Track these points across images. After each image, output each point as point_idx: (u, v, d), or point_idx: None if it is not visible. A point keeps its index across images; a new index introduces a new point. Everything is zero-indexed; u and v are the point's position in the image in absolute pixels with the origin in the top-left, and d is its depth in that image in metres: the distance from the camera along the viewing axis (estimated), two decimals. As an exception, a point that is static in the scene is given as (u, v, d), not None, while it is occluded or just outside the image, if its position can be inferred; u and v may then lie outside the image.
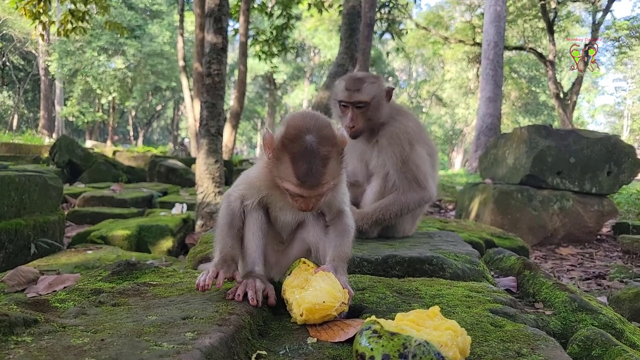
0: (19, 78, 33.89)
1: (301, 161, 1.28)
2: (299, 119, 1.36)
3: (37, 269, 3.07)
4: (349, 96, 2.43)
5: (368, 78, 2.49)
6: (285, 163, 1.31)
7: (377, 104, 2.46)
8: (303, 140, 1.29)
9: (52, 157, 10.18)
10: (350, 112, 2.45)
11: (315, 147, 1.29)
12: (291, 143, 1.30)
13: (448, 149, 39.72)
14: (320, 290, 1.24)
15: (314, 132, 1.31)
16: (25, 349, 0.94)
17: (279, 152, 1.33)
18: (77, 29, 8.00)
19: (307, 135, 1.30)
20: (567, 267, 4.36)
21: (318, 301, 1.22)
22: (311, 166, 1.28)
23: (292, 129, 1.32)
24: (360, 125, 2.45)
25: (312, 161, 1.28)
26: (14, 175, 3.66)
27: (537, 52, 20.79)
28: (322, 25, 27.67)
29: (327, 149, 1.31)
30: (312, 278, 1.31)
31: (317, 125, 1.33)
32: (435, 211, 8.25)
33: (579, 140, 5.34)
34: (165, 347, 0.95)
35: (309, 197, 1.33)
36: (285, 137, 1.32)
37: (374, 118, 2.47)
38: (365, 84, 2.44)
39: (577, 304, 1.84)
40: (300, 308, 1.24)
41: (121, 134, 43.17)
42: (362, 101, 2.42)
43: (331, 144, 1.33)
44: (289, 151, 1.30)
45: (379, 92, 2.47)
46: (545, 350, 1.09)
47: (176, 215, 5.44)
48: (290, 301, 1.31)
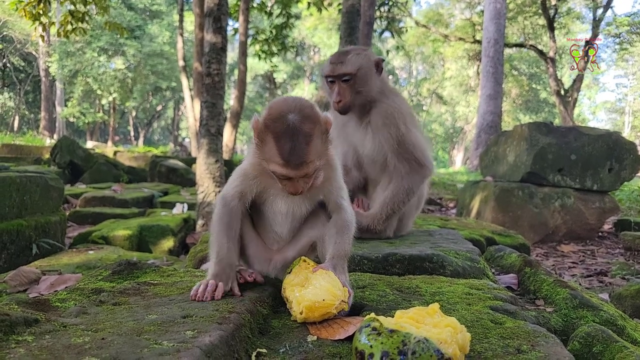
0: (20, 79, 33.92)
1: (284, 140, 1.30)
2: (281, 101, 1.39)
3: (38, 269, 3.08)
4: (333, 69, 2.30)
5: (354, 50, 2.36)
6: (269, 143, 1.32)
7: (364, 76, 2.31)
8: (285, 119, 1.31)
9: (53, 158, 10.19)
10: (337, 87, 2.32)
11: (298, 125, 1.30)
12: (274, 123, 1.32)
13: (449, 147, 39.69)
14: (320, 289, 1.24)
15: (296, 112, 1.33)
16: (26, 348, 0.94)
17: (263, 134, 1.34)
18: (77, 29, 8.01)
19: (289, 115, 1.32)
20: (569, 265, 4.35)
21: (318, 299, 1.22)
22: (294, 144, 1.29)
23: (275, 110, 1.35)
24: (348, 99, 2.31)
25: (295, 139, 1.30)
26: (15, 176, 3.66)
27: (537, 49, 20.74)
28: (321, 24, 27.64)
29: (309, 126, 1.32)
30: (312, 276, 1.32)
31: (299, 106, 1.35)
32: (436, 209, 8.24)
33: (580, 137, 5.33)
34: (165, 346, 0.96)
35: (295, 178, 1.34)
36: (268, 118, 1.34)
37: (363, 92, 2.33)
38: (349, 55, 2.30)
39: (578, 300, 1.84)
40: (300, 306, 1.25)
41: (122, 135, 43.20)
42: (347, 73, 2.28)
43: (313, 122, 1.34)
44: (272, 131, 1.32)
45: (365, 63, 2.32)
46: (546, 347, 1.09)
47: (177, 215, 5.45)
48: (290, 299, 1.32)
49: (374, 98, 2.37)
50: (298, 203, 1.51)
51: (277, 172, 1.34)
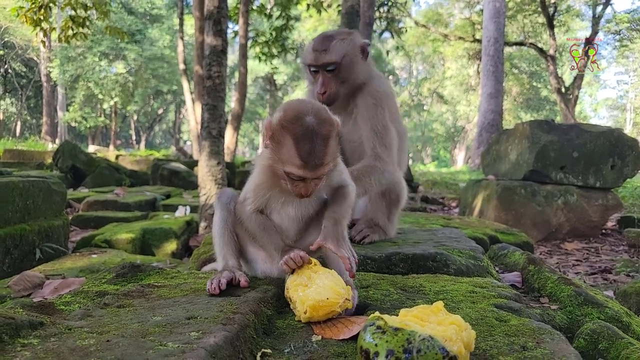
0: (21, 85, 34.03)
1: (303, 141, 1.30)
2: (296, 103, 1.39)
3: (42, 273, 3.09)
4: (316, 58, 2.10)
5: (338, 34, 2.15)
6: (287, 145, 1.32)
7: (350, 63, 2.12)
8: (304, 121, 1.31)
9: (56, 163, 10.22)
10: (321, 77, 2.11)
11: (316, 127, 1.31)
12: (291, 124, 1.32)
13: (450, 147, 39.64)
14: (324, 287, 1.24)
15: (313, 114, 1.33)
16: (32, 351, 0.95)
17: (279, 135, 1.34)
18: (77, 34, 8.04)
19: (306, 117, 1.32)
20: (573, 262, 4.34)
21: (322, 298, 1.22)
22: (314, 146, 1.30)
23: (291, 112, 1.34)
24: (334, 90, 2.11)
25: (314, 141, 1.30)
26: (18, 180, 3.67)
27: (537, 47, 20.72)
28: (321, 26, 27.67)
29: (327, 129, 1.33)
30: (315, 276, 1.32)
31: (314, 108, 1.36)
32: (439, 209, 8.23)
33: (582, 134, 5.32)
34: (170, 347, 0.96)
35: (309, 180, 1.35)
36: (284, 119, 1.33)
37: (349, 79, 2.14)
38: (333, 42, 2.09)
39: (583, 297, 1.84)
40: (304, 306, 1.25)
41: (123, 138, 43.30)
42: (332, 62, 2.08)
43: (330, 125, 1.35)
44: (291, 132, 1.32)
45: (351, 49, 2.13)
46: (551, 344, 1.09)
47: (179, 217, 5.46)
48: (294, 299, 1.32)
49: (359, 85, 2.19)
50: (306, 205, 1.53)
51: (293, 173, 1.34)
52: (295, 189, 1.38)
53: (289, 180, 1.38)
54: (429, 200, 8.90)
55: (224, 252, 1.56)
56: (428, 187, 11.80)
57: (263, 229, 1.51)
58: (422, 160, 39.27)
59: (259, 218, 1.52)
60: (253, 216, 1.52)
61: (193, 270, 2.14)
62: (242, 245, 1.62)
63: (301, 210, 1.53)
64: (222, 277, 1.44)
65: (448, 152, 39.92)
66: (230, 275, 1.46)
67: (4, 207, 3.46)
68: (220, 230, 1.57)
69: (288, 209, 1.52)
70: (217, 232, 1.57)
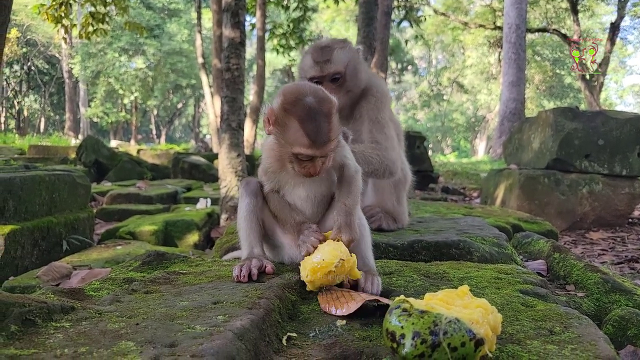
0: (44, 82, 34.75)
1: (308, 121, 1.34)
2: (293, 87, 1.43)
3: (69, 264, 3.17)
4: (321, 69, 2.05)
5: (336, 43, 2.12)
6: (293, 127, 1.36)
7: (353, 71, 2.09)
8: (305, 102, 1.35)
9: (79, 157, 10.43)
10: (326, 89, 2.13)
11: (318, 106, 1.35)
12: (294, 107, 1.36)
13: (471, 137, 39.12)
14: (322, 251, 1.32)
15: (312, 94, 1.37)
16: (65, 333, 0.97)
17: (283, 119, 1.37)
18: (97, 30, 8.16)
19: (307, 97, 1.36)
20: (598, 252, 4.26)
21: (318, 260, 1.30)
22: (318, 124, 1.34)
23: (291, 95, 1.38)
24: (342, 102, 2.06)
25: (318, 119, 1.34)
26: (44, 174, 3.76)
27: (561, 33, 20.22)
28: (339, 16, 27.50)
29: (327, 106, 1.37)
30: (320, 246, 1.37)
31: (312, 89, 1.40)
32: (460, 199, 8.15)
33: (607, 121, 5.19)
34: (198, 330, 0.98)
35: (317, 159, 1.38)
36: (285, 103, 1.37)
37: (354, 88, 2.11)
38: (335, 51, 2.06)
39: (611, 285, 1.80)
40: (305, 271, 1.32)
41: (144, 133, 43.90)
42: (337, 72, 2.05)
43: (329, 102, 1.39)
44: (294, 114, 1.35)
45: (352, 57, 2.10)
46: (579, 328, 1.07)
47: (201, 209, 5.52)
48: (301, 269, 1.38)
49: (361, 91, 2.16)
50: (317, 184, 1.55)
51: (302, 153, 1.37)
52: (303, 170, 1.41)
53: (296, 162, 1.41)
54: (450, 190, 8.82)
55: (250, 239, 1.57)
56: (448, 177, 11.69)
57: (279, 208, 1.55)
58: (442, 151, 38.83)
59: (275, 197, 1.57)
60: (269, 196, 1.58)
61: (216, 258, 2.17)
62: (269, 232, 1.63)
63: (313, 190, 1.55)
64: (251, 265, 1.46)
65: (469, 142, 39.39)
66: (259, 264, 1.48)
67: (31, 200, 3.55)
68: (247, 217, 1.58)
69: (299, 191, 1.55)
70: (243, 219, 1.59)
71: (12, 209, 3.37)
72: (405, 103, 43.71)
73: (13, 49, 27.05)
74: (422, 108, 40.16)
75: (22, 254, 3.37)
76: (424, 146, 9.39)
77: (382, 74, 9.96)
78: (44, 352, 0.87)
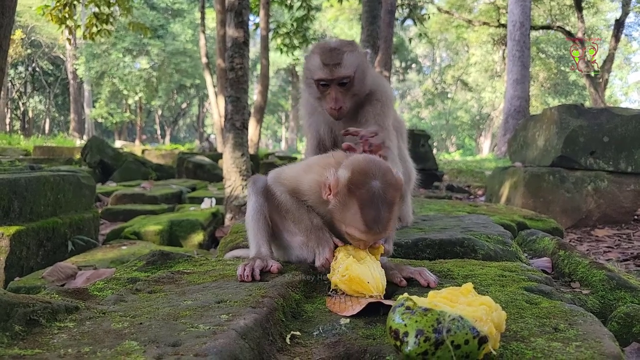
0: (49, 83, 34.91)
1: (369, 208, 1.29)
2: (363, 164, 1.36)
3: (74, 265, 3.19)
4: (330, 72, 2.01)
5: (345, 46, 2.07)
6: (353, 209, 1.31)
7: (361, 75, 2.06)
8: (370, 187, 1.29)
9: (84, 158, 10.48)
10: (333, 92, 2.02)
11: (382, 193, 1.29)
12: (358, 189, 1.30)
13: (475, 135, 38.99)
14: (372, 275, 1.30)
15: (380, 178, 1.31)
16: (69, 333, 0.98)
17: (344, 197, 1.32)
18: (102, 31, 8.19)
19: (374, 181, 1.30)
20: (604, 249, 4.23)
21: (364, 279, 1.28)
22: (379, 213, 1.29)
23: (358, 175, 1.32)
24: (348, 105, 2.05)
25: (380, 208, 1.29)
26: (49, 175, 3.78)
27: (565, 31, 20.11)
28: (342, 15, 27.46)
29: (392, 194, 1.32)
30: (370, 260, 1.36)
31: (381, 170, 1.33)
32: (464, 197, 8.13)
33: (612, 118, 5.15)
34: (201, 329, 0.98)
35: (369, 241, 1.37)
36: (352, 182, 1.31)
37: (360, 92, 2.09)
38: (345, 55, 2.02)
39: (616, 282, 1.79)
40: (346, 271, 1.29)
41: (149, 133, 44.04)
42: (346, 76, 2.01)
43: (395, 189, 1.34)
44: (357, 197, 1.30)
45: (361, 62, 2.07)
46: (584, 326, 1.06)
47: (205, 209, 5.53)
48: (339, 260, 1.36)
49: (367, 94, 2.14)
50: None
51: (355, 236, 1.35)
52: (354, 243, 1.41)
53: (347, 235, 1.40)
54: (455, 188, 8.80)
55: (257, 238, 1.57)
56: (453, 175, 11.65)
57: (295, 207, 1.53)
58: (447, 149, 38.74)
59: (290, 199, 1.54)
60: (284, 197, 1.54)
61: (221, 258, 2.17)
62: (277, 231, 1.63)
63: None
64: (255, 265, 1.45)
65: (473, 140, 39.27)
66: (263, 264, 1.48)
67: (36, 200, 3.57)
68: (255, 217, 1.58)
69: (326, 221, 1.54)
70: (251, 218, 1.58)
71: (18, 210, 3.38)
72: (409, 101, 43.63)
73: (18, 50, 27.21)
74: (426, 106, 40.07)
75: (27, 254, 3.39)
76: (429, 144, 9.36)
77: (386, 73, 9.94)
78: (48, 352, 0.88)
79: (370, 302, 1.21)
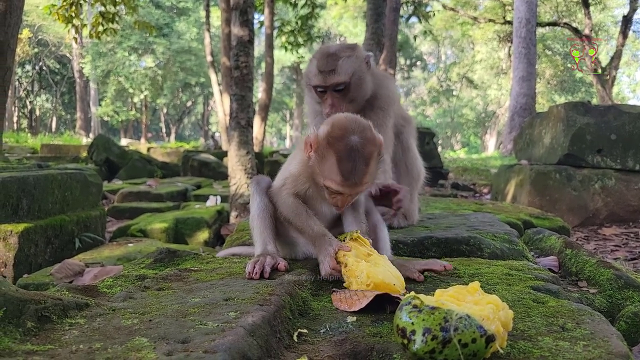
0: (56, 81, 35.10)
1: (346, 160, 1.35)
2: (343, 120, 1.43)
3: (82, 262, 3.21)
4: (324, 79, 2.02)
5: (342, 51, 2.07)
6: (330, 161, 1.38)
7: (358, 81, 2.05)
8: (349, 140, 1.36)
9: (90, 156, 10.53)
10: (330, 98, 2.04)
11: (360, 147, 1.36)
12: (337, 142, 1.37)
13: (481, 132, 38.83)
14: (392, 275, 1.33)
15: (358, 133, 1.38)
16: (80, 329, 0.99)
17: (323, 150, 1.39)
18: (107, 30, 8.22)
19: (352, 136, 1.37)
20: (611, 248, 4.22)
21: (389, 282, 1.30)
22: (355, 165, 1.35)
23: (338, 129, 1.40)
24: (343, 109, 2.02)
25: (357, 160, 1.35)
26: (56, 173, 3.81)
27: (572, 27, 19.96)
28: (347, 13, 27.39)
29: (370, 149, 1.38)
30: (377, 257, 1.40)
31: (360, 127, 1.41)
32: (470, 195, 8.11)
33: (620, 115, 5.12)
34: (210, 326, 0.99)
35: (346, 195, 1.41)
36: (330, 136, 1.39)
37: (358, 98, 2.08)
38: (340, 61, 2.02)
39: (624, 281, 1.79)
40: (369, 279, 1.30)
41: (154, 131, 44.18)
42: (341, 83, 2.02)
43: (373, 145, 1.40)
44: (335, 149, 1.37)
45: (358, 66, 2.05)
46: (591, 325, 1.06)
47: (211, 207, 5.55)
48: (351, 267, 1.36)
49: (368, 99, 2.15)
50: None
51: (332, 187, 1.40)
52: (331, 200, 1.45)
53: (326, 192, 1.45)
54: (460, 187, 8.78)
55: (263, 236, 1.58)
56: (458, 173, 11.62)
57: (297, 214, 1.54)
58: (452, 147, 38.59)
59: (294, 202, 1.55)
60: (289, 200, 1.56)
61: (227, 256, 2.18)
62: (282, 229, 1.64)
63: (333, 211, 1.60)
64: (266, 263, 1.46)
65: (479, 138, 39.12)
66: (272, 261, 1.49)
67: (44, 198, 3.59)
68: (260, 215, 1.59)
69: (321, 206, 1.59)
70: (256, 217, 1.59)
71: (26, 208, 3.41)
72: (414, 99, 43.49)
73: (25, 49, 27.35)
74: (431, 104, 39.95)
75: (35, 251, 3.42)
76: (434, 142, 9.35)
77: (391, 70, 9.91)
78: (60, 348, 0.89)
79: (377, 294, 1.22)
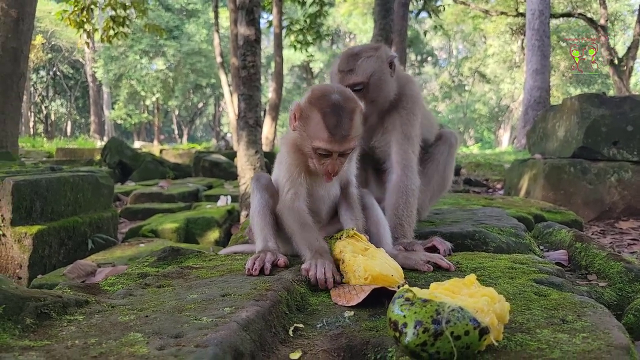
0: (69, 86, 35.63)
1: (331, 115, 1.41)
2: (322, 85, 1.53)
3: (94, 262, 3.26)
4: (342, 79, 1.99)
5: (365, 52, 2.03)
6: (315, 119, 1.43)
7: (378, 82, 2.00)
8: (330, 97, 1.43)
9: (104, 159, 10.68)
10: None
11: (342, 102, 1.42)
12: (319, 101, 1.43)
13: (494, 127, 38.42)
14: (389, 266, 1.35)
15: (338, 92, 1.46)
16: (77, 326, 1.00)
17: (307, 112, 1.45)
18: (119, 34, 8.32)
19: (332, 94, 1.44)
20: (628, 241, 4.14)
21: (387, 273, 1.32)
22: (340, 118, 1.40)
23: (318, 91, 1.48)
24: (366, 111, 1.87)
25: (341, 114, 1.41)
26: (68, 175, 3.87)
27: (587, 18, 19.62)
28: (356, 9, 27.29)
29: (352, 104, 1.45)
30: (373, 250, 1.42)
31: (339, 88, 1.50)
32: (483, 191, 8.03)
33: (637, 106, 5.02)
34: (204, 321, 0.99)
35: (335, 155, 1.43)
36: (312, 97, 1.46)
37: (379, 99, 2.03)
38: (359, 61, 1.99)
39: (634, 274, 1.75)
40: (366, 272, 1.32)
41: (166, 133, 44.57)
42: (359, 83, 1.97)
43: (354, 102, 1.47)
44: (318, 107, 1.42)
45: (379, 67, 2.01)
46: (593, 317, 1.04)
47: (221, 207, 5.59)
48: (348, 262, 1.38)
49: (391, 101, 2.10)
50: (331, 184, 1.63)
51: (320, 147, 1.43)
52: (323, 167, 1.46)
53: (316, 158, 1.46)
54: (472, 182, 8.69)
55: (264, 232, 1.58)
56: (471, 169, 11.51)
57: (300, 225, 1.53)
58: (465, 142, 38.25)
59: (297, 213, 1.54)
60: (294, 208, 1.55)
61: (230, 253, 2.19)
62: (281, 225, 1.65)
63: (328, 189, 1.63)
64: (266, 259, 1.46)
65: (492, 132, 38.70)
66: (273, 258, 1.49)
67: (57, 200, 3.65)
68: (262, 211, 1.60)
69: (318, 190, 1.61)
70: (257, 214, 1.61)
71: (39, 210, 3.47)
72: (425, 95, 43.18)
73: (39, 55, 27.81)
74: (443, 99, 39.63)
75: (49, 252, 3.48)
76: (445, 138, 9.25)
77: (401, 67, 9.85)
78: (56, 343, 0.90)
79: (375, 288, 1.21)
